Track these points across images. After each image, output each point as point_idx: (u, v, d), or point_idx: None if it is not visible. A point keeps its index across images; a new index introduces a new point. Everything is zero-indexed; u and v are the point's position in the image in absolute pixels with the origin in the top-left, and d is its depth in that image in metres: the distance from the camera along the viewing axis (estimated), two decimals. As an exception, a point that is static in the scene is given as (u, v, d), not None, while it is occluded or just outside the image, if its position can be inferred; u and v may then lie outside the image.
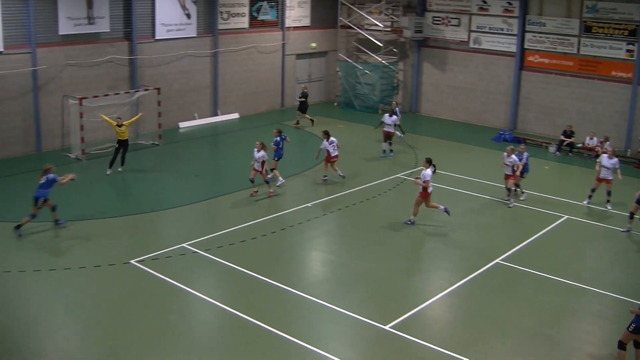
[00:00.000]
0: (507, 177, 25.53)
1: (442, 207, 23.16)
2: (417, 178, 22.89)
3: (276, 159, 26.41)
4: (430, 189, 22.70)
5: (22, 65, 29.28)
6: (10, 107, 29.24)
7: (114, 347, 15.38)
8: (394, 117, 31.15)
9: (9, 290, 17.78)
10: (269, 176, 25.55)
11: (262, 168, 24.92)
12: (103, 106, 30.13)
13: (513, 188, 25.36)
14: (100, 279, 18.61)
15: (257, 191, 25.39)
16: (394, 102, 34.12)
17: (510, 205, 25.24)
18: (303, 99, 36.87)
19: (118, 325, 16.34)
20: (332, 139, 26.92)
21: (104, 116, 28.13)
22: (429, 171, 22.70)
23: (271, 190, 25.35)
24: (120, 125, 27.38)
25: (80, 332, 16.18)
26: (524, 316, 17.30)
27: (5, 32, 28.54)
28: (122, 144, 27.69)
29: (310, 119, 36.66)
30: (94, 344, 15.62)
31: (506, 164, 25.44)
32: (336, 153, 27.01)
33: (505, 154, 25.51)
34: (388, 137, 31.08)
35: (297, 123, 36.56)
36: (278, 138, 26.52)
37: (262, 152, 24.72)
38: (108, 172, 27.50)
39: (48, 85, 30.25)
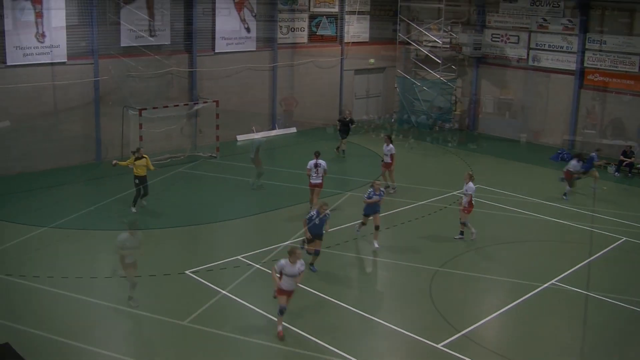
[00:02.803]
0: (463, 208, 23.18)
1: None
2: None
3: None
4: None
5: (85, 76, 29.88)
6: (72, 117, 29.84)
7: (166, 357, 15.55)
8: (581, 162, 28.31)
9: (68, 297, 18.08)
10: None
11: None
12: (162, 117, 30.56)
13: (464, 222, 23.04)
14: (155, 288, 18.84)
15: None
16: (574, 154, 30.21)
17: (455, 237, 23.16)
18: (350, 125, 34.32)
19: (170, 335, 16.53)
20: (390, 146, 27.63)
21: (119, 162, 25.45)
22: None
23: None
24: (140, 158, 24.57)
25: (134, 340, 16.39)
26: (579, 339, 16.99)
27: (69, 43, 29.19)
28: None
29: (338, 147, 34.11)
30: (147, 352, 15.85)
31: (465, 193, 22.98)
32: (389, 160, 27.71)
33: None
34: (570, 180, 28.21)
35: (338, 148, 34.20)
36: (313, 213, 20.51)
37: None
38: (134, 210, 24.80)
39: (109, 96, 30.78)
